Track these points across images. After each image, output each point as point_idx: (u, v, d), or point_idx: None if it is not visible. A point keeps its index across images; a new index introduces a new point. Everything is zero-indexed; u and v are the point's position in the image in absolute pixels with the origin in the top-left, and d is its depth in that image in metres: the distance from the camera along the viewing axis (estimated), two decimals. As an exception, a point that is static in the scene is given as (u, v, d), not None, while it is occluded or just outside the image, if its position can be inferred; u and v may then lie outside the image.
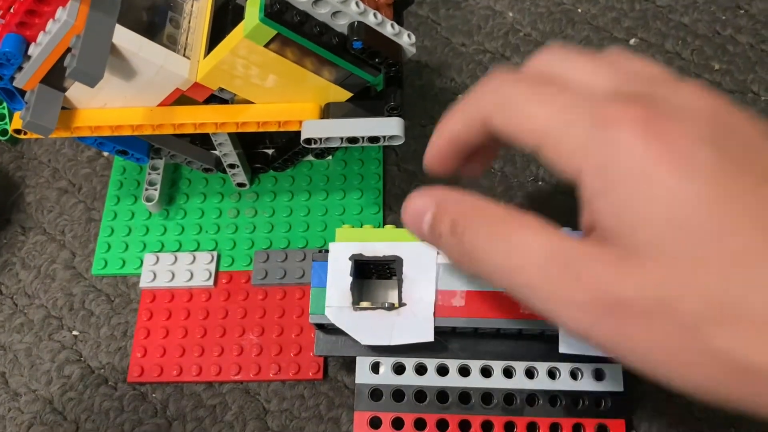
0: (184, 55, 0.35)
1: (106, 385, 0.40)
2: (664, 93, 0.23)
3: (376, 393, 0.35)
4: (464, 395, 0.35)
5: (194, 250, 0.42)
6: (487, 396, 0.35)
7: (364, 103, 0.36)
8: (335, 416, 0.38)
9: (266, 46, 0.32)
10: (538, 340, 0.35)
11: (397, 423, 0.34)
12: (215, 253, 0.42)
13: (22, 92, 0.35)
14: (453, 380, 0.35)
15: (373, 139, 0.35)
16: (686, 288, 0.20)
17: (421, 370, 0.35)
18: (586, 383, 0.35)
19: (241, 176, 0.43)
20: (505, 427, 0.34)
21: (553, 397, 0.35)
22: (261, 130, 0.36)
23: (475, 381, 0.34)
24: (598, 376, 0.35)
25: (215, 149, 0.42)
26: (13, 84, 0.35)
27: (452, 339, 0.34)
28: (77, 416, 0.39)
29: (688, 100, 0.23)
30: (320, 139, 0.35)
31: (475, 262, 0.24)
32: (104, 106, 0.36)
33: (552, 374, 0.35)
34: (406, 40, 0.34)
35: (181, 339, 0.40)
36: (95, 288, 0.43)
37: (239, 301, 0.41)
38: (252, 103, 0.36)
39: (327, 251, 0.34)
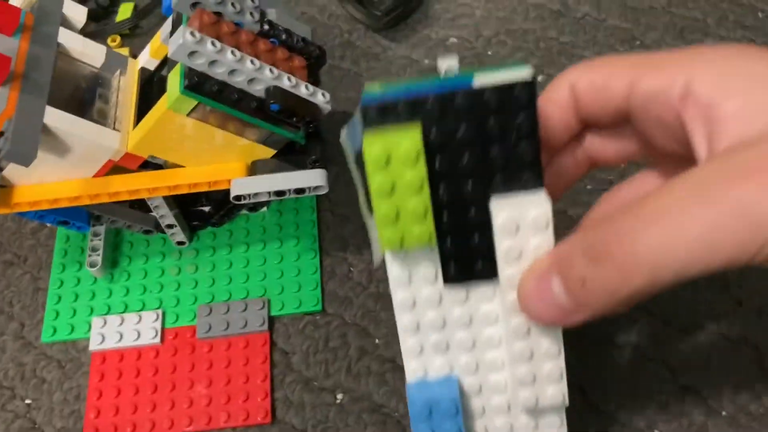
0: (114, 128, 0.37)
1: (62, 450, 0.41)
2: None
3: None
4: None
5: (140, 310, 0.44)
6: None
7: (289, 158, 0.39)
8: (286, 456, 0.39)
9: (189, 114, 0.35)
10: None
11: None
12: (160, 311, 0.44)
13: (-40, 174, 0.37)
14: None
15: (299, 191, 0.38)
16: None
17: None
18: None
19: (179, 235, 0.45)
20: None
21: None
22: (192, 191, 0.38)
23: None
24: None
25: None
26: (-49, 168, 0.36)
27: None
28: (35, 483, 0.40)
29: None
30: (249, 195, 0.38)
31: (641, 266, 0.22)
32: (41, 181, 0.38)
33: None
34: (320, 98, 0.37)
35: (132, 396, 0.41)
36: (46, 355, 0.44)
37: (186, 355, 0.42)
38: (183, 166, 0.39)
39: None
